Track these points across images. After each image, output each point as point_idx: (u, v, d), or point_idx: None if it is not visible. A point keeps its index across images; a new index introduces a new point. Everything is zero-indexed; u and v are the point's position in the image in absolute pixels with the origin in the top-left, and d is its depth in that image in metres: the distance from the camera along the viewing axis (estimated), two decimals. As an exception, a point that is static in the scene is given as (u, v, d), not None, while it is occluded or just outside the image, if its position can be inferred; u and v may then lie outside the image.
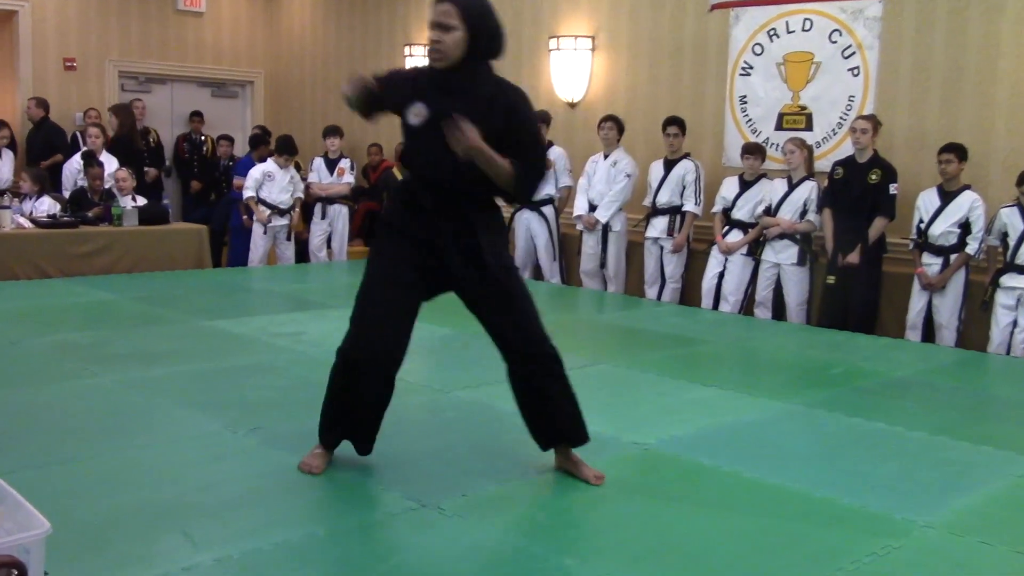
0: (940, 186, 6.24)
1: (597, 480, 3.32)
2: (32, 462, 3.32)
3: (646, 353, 5.51)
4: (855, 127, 6.48)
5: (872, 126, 6.43)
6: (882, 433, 4.05)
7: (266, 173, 8.86)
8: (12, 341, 5.20)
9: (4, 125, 8.86)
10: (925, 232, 6.24)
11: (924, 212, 6.28)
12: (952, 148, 6.14)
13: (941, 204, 6.20)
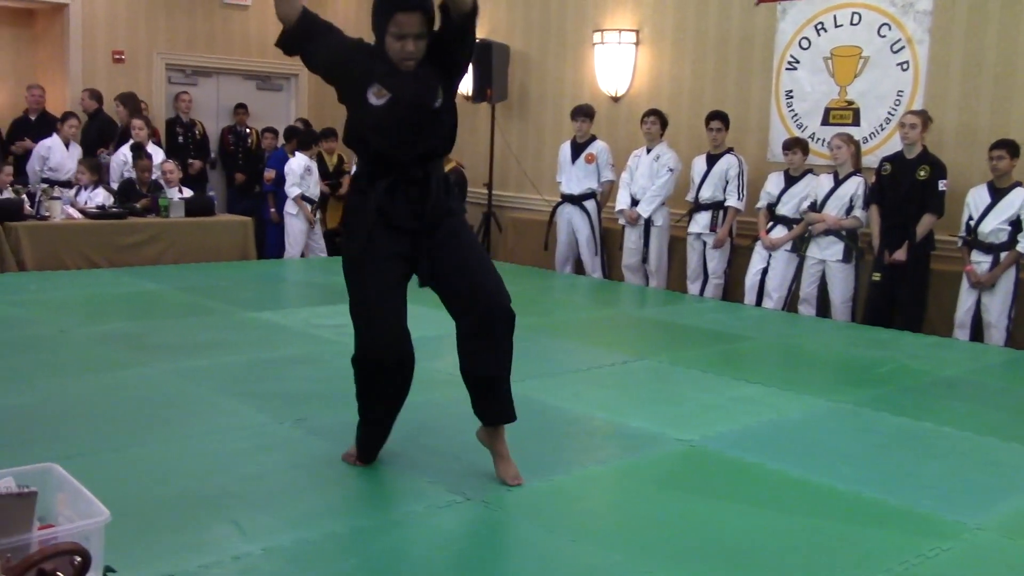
0: (991, 183, 6.14)
1: (515, 481, 3.20)
2: (84, 450, 3.38)
3: (688, 349, 5.48)
4: (904, 122, 6.40)
5: (922, 122, 6.34)
6: (930, 433, 4.00)
7: (306, 168, 8.93)
8: (62, 330, 5.30)
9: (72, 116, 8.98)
10: (975, 229, 6.14)
11: (974, 209, 6.18)
12: (1004, 144, 6.04)
13: (991, 201, 6.10)
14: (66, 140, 8.67)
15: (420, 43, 3.07)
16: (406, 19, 3.03)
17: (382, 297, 3.15)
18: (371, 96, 3.13)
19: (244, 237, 8.46)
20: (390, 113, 3.12)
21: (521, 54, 9.48)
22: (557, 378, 4.63)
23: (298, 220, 8.90)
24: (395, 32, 3.05)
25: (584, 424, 4.02)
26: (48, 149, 8.62)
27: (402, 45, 3.05)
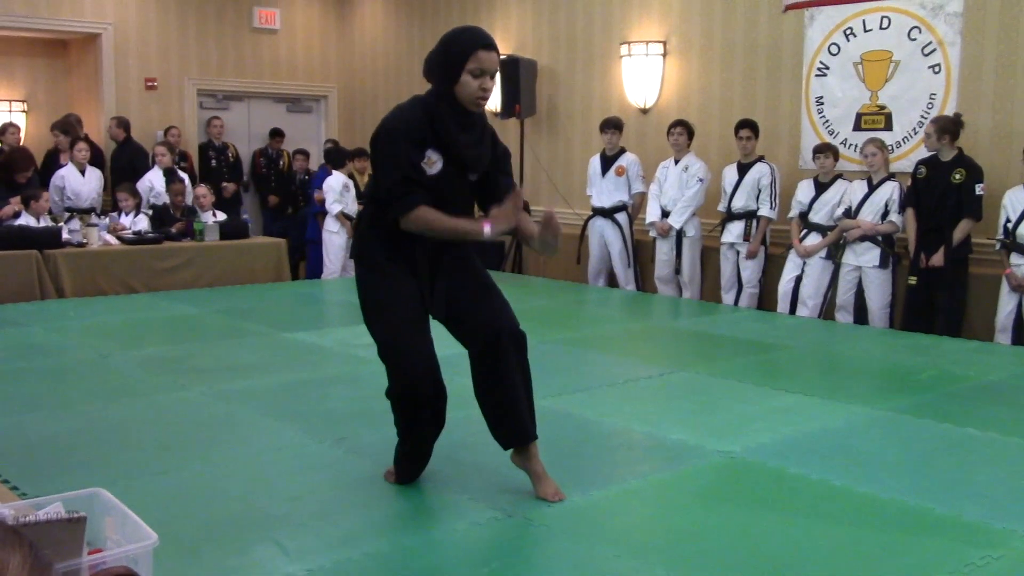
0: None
1: (556, 497, 3.19)
2: (128, 474, 3.41)
3: (725, 360, 5.45)
4: (927, 131, 6.38)
5: (936, 130, 6.27)
6: (975, 440, 3.94)
7: (344, 184, 9.01)
8: (103, 355, 5.36)
9: (84, 140, 9.06)
10: (1014, 232, 6.06)
11: (1011, 211, 6.10)
12: None
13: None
14: (79, 166, 8.72)
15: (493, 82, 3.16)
16: (487, 56, 3.12)
17: (411, 332, 3.17)
18: (426, 167, 3.15)
19: (278, 259, 8.54)
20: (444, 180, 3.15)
21: (549, 69, 9.50)
22: (594, 392, 4.62)
23: (339, 237, 8.99)
24: (474, 69, 3.10)
25: (623, 438, 4.00)
26: (63, 178, 8.66)
27: (480, 83, 3.11)
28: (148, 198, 8.90)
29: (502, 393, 3.22)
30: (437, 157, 3.15)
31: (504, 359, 3.19)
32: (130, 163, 9.16)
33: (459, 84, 3.11)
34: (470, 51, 3.10)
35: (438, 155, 3.14)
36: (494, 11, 10.11)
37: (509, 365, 3.20)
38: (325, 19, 11.93)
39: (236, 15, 11.21)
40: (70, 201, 8.62)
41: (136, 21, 10.56)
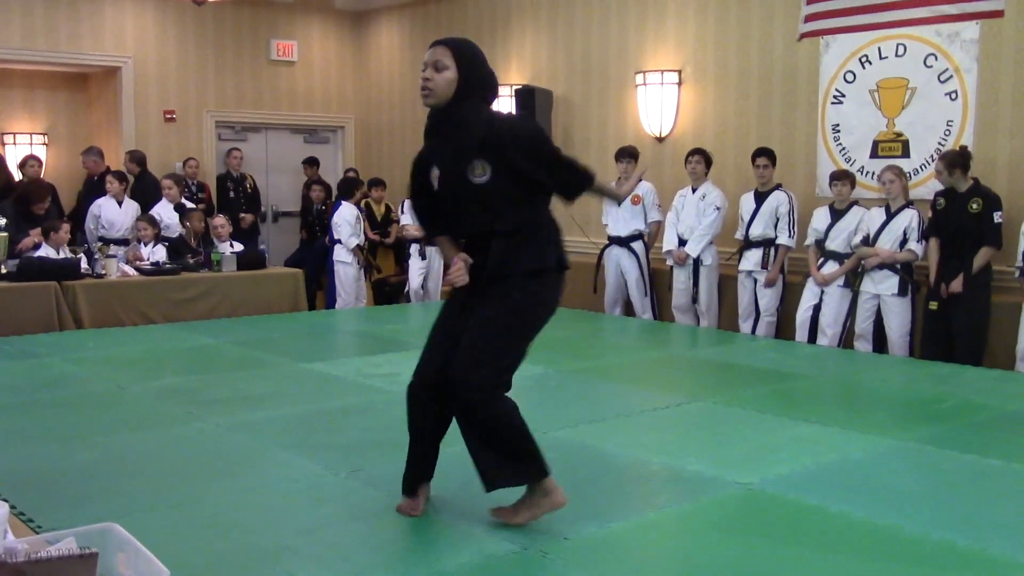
0: (1047, 211, 6.03)
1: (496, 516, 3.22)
2: (142, 506, 3.40)
3: (743, 389, 5.40)
4: (936, 168, 6.38)
5: (946, 165, 6.26)
6: (999, 471, 3.88)
7: (356, 216, 9.07)
8: (120, 386, 5.37)
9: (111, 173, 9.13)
10: (1033, 260, 6.02)
11: (1031, 238, 6.06)
12: None
13: (1049, 230, 5.98)
14: (115, 197, 8.81)
15: (438, 75, 3.11)
16: (430, 51, 3.16)
17: (432, 336, 3.36)
18: (434, 183, 3.25)
19: (295, 289, 8.56)
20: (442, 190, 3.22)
21: (564, 98, 9.53)
22: (610, 422, 4.59)
23: (352, 268, 9.03)
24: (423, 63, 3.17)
25: (640, 469, 3.97)
26: (100, 207, 8.79)
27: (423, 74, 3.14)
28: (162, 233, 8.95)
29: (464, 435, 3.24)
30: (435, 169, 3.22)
31: (452, 405, 3.20)
32: (143, 197, 9.21)
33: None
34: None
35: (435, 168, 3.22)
36: (510, 41, 10.17)
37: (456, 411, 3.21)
38: (342, 51, 12.03)
39: (254, 47, 11.33)
40: (103, 231, 8.71)
41: (155, 54, 10.68)
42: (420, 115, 11.53)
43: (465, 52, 3.15)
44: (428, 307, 9.10)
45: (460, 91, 3.13)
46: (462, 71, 3.12)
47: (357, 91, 12.18)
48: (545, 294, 3.24)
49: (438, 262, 9.45)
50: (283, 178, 11.76)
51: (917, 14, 6.94)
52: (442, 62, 3.11)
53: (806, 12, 7.57)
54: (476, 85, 3.16)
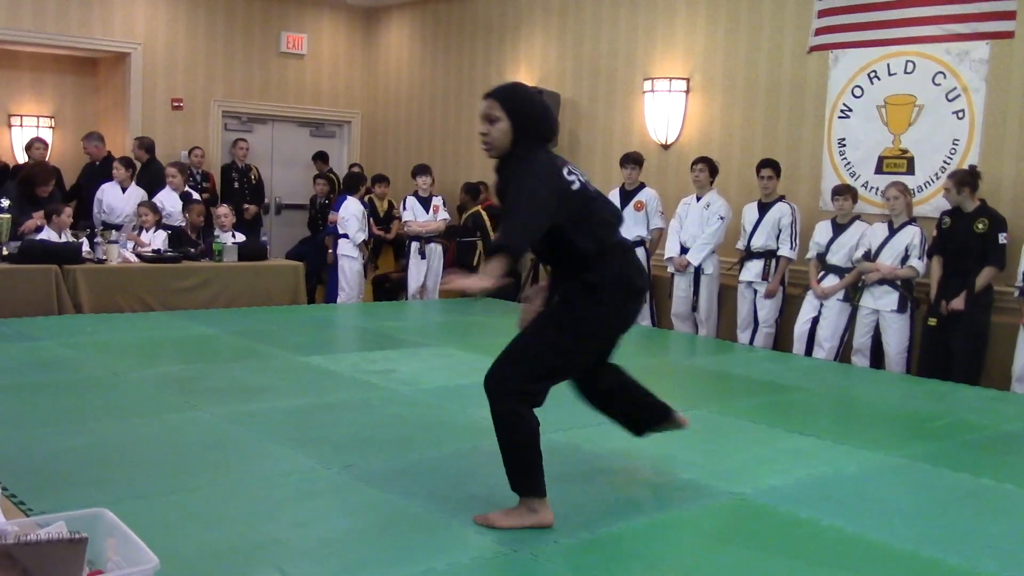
0: (1047, 231, 6.05)
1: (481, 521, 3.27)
2: (134, 494, 3.40)
3: (739, 399, 5.41)
4: (945, 186, 6.37)
5: (955, 184, 6.27)
6: (991, 490, 3.89)
7: (363, 212, 9.10)
8: (116, 373, 5.37)
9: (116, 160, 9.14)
10: (1033, 281, 6.02)
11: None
12: None
13: (1049, 251, 5.98)
14: (121, 183, 8.82)
15: (493, 128, 3.27)
16: (481, 104, 3.33)
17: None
18: None
19: (295, 282, 8.56)
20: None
21: (571, 102, 9.53)
22: (605, 427, 4.56)
23: (356, 262, 9.08)
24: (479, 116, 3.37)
25: (632, 475, 3.97)
26: (103, 192, 8.80)
27: (479, 130, 3.35)
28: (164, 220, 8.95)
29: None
30: None
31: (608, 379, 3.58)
32: (149, 184, 9.21)
33: None
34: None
35: None
36: (518, 43, 10.17)
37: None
38: (351, 45, 12.04)
39: (264, 39, 11.33)
40: (104, 215, 8.72)
41: (165, 41, 10.69)
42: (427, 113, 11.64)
43: (514, 100, 3.29)
44: (427, 305, 9.11)
45: (516, 137, 3.27)
46: (513, 119, 3.25)
47: (365, 87, 12.19)
48: (593, 311, 3.30)
49: (437, 261, 9.46)
50: (288, 171, 11.77)
51: (927, 32, 6.95)
52: (493, 114, 3.26)
53: (816, 25, 7.58)
54: (530, 128, 3.28)
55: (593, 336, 3.37)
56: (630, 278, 3.35)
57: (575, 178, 3.28)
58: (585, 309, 3.30)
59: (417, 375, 5.58)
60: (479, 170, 10.61)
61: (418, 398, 5.06)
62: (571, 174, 3.28)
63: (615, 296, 3.31)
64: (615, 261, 3.32)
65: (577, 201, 3.24)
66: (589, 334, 3.34)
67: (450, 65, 11.05)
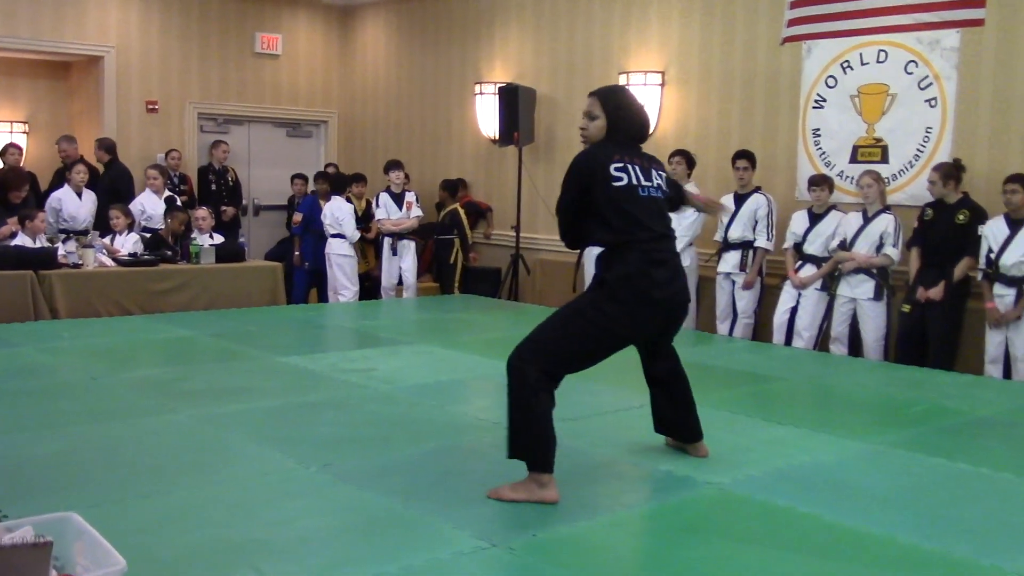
0: (1007, 215, 6.09)
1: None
2: (110, 497, 3.39)
3: (719, 390, 5.42)
4: (931, 179, 6.41)
5: (940, 176, 6.32)
6: (967, 475, 3.91)
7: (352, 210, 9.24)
8: (93, 377, 5.34)
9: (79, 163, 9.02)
10: (996, 262, 6.07)
11: (993, 241, 6.11)
12: (1018, 178, 6.01)
13: (1010, 233, 6.04)
14: (76, 189, 8.69)
15: (591, 123, 3.68)
16: (587, 100, 3.74)
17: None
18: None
19: (274, 282, 8.53)
20: None
21: (547, 98, 9.54)
22: (584, 421, 4.59)
23: (354, 260, 9.24)
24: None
25: (612, 468, 3.98)
26: (59, 200, 8.63)
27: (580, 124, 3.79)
28: (140, 220, 8.89)
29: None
30: None
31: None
32: (112, 185, 9.12)
33: None
34: None
35: None
36: (493, 39, 10.16)
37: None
38: (327, 45, 12.00)
39: (238, 40, 11.28)
40: (65, 223, 8.60)
41: (138, 44, 10.63)
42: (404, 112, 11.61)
43: (611, 101, 3.68)
44: (405, 302, 9.10)
45: (609, 134, 3.64)
46: (610, 118, 3.64)
47: (341, 86, 12.16)
48: (612, 308, 3.52)
49: (411, 258, 9.42)
50: (265, 171, 11.72)
51: (898, 21, 6.99)
52: (593, 112, 3.67)
53: (789, 16, 7.61)
54: (623, 128, 3.65)
55: (608, 332, 3.56)
56: (647, 287, 3.53)
57: (625, 175, 3.54)
58: (603, 303, 3.54)
59: (396, 373, 5.57)
60: (456, 167, 10.61)
61: (397, 396, 5.05)
62: (624, 170, 3.54)
63: (627, 295, 3.51)
64: (632, 261, 3.52)
65: (605, 195, 3.52)
66: (604, 329, 3.54)
67: (427, 63, 11.03)
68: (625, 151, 3.60)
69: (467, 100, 10.37)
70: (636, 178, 3.56)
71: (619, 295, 3.51)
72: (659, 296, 3.56)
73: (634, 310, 3.53)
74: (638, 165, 3.59)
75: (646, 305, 3.55)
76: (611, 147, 3.61)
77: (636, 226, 3.54)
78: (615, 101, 3.69)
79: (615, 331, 3.57)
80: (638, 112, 3.73)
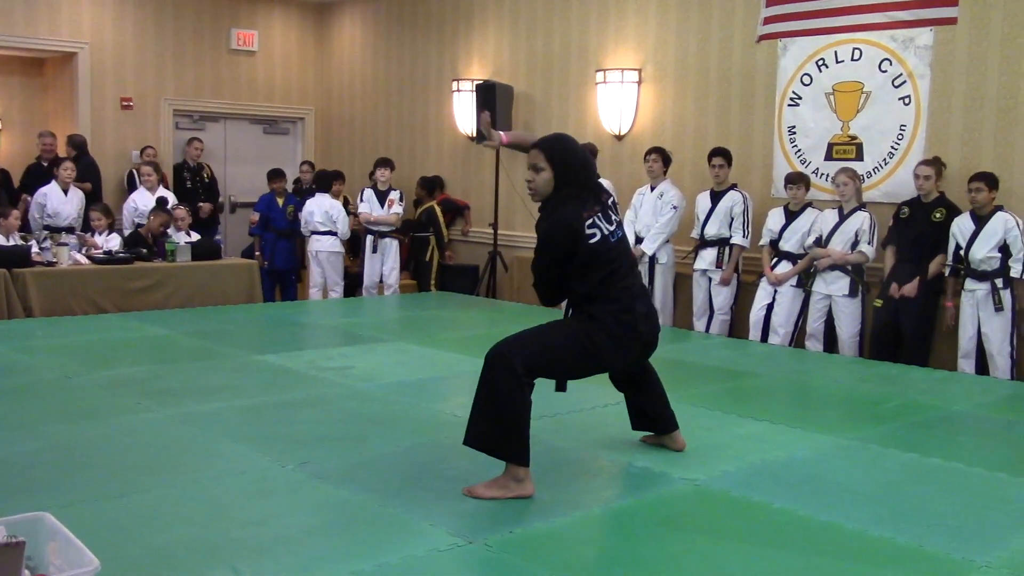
0: (972, 211, 6.17)
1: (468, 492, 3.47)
2: (86, 496, 3.37)
3: (695, 386, 5.45)
4: (918, 173, 6.47)
5: (935, 171, 6.40)
6: (939, 469, 3.96)
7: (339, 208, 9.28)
8: (68, 376, 5.30)
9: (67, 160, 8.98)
10: (965, 256, 6.14)
11: (960, 237, 6.19)
12: (982, 176, 6.10)
13: (976, 228, 6.11)
14: (64, 186, 8.66)
15: (537, 176, 3.59)
16: (528, 154, 3.66)
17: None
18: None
19: (250, 280, 8.50)
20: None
21: (525, 95, 9.54)
22: (561, 418, 4.61)
23: (342, 258, 9.29)
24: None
25: (588, 464, 3.99)
26: (45, 196, 8.62)
27: (526, 177, 3.68)
28: (132, 219, 8.84)
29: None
30: None
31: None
32: (80, 181, 9.05)
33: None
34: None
35: None
36: (471, 36, 10.16)
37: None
38: (303, 42, 11.95)
39: (214, 36, 11.22)
40: (49, 219, 8.55)
41: (113, 40, 10.55)
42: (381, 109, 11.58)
43: (556, 151, 3.60)
44: (384, 300, 9.08)
45: (558, 185, 3.57)
46: (556, 169, 3.56)
47: (318, 83, 12.12)
48: (604, 339, 3.57)
49: (393, 254, 9.41)
50: (241, 168, 11.67)
51: (873, 19, 7.04)
52: (538, 164, 3.59)
53: (765, 15, 7.65)
54: (571, 177, 3.58)
55: (591, 357, 3.62)
56: (633, 322, 3.62)
57: (596, 230, 3.53)
58: (596, 334, 3.58)
59: (374, 371, 5.56)
60: (434, 164, 10.60)
61: (374, 394, 5.05)
62: (594, 226, 3.53)
63: (618, 330, 3.59)
64: (617, 299, 3.60)
65: (586, 254, 3.53)
66: (588, 354, 3.60)
67: (403, 59, 11.01)
68: (584, 204, 3.55)
69: (444, 97, 10.36)
70: (604, 228, 3.57)
71: (611, 330, 3.57)
72: (643, 329, 3.66)
73: (623, 343, 3.63)
74: (599, 212, 3.57)
75: (634, 339, 3.65)
76: (574, 205, 3.54)
77: (614, 274, 3.60)
78: (560, 150, 3.62)
79: (601, 359, 3.65)
80: (584, 157, 3.69)
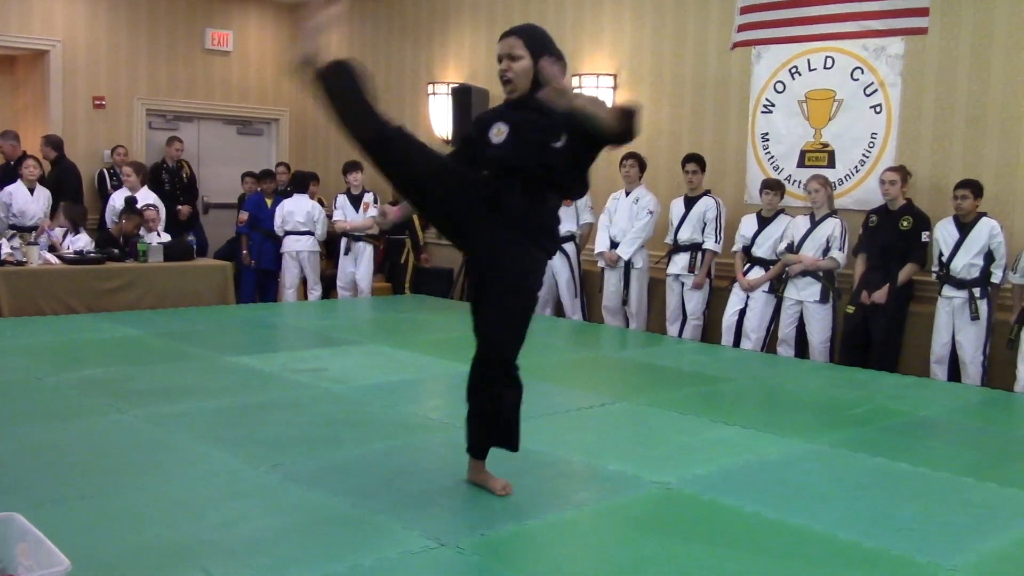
0: (955, 217, 6.24)
1: (504, 491, 3.47)
2: (54, 498, 3.34)
3: (667, 391, 5.49)
4: (883, 179, 6.53)
5: (900, 177, 6.47)
6: (906, 474, 4.00)
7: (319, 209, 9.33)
8: (37, 377, 5.26)
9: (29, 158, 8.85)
10: (947, 264, 6.21)
11: (943, 244, 6.26)
12: (967, 184, 6.16)
13: (960, 236, 6.18)
14: (29, 184, 8.55)
15: (515, 64, 3.33)
16: (501, 43, 3.38)
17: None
18: (492, 136, 3.41)
19: (223, 281, 8.45)
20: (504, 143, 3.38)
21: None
22: (534, 421, 4.61)
23: (319, 258, 9.40)
24: (497, 56, 3.40)
25: (561, 467, 4.01)
26: (10, 195, 8.50)
27: (499, 68, 3.38)
28: (112, 218, 8.76)
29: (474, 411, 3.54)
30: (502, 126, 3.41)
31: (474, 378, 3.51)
32: (57, 183, 8.97)
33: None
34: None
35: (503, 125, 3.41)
36: (447, 40, 10.16)
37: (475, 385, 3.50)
38: (278, 42, 11.90)
39: (188, 36, 11.15)
40: (15, 219, 8.45)
41: (85, 39, 10.46)
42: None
43: (535, 38, 3.35)
44: (358, 303, 9.06)
45: (536, 76, 3.28)
46: (535, 56, 3.28)
47: (293, 84, 12.05)
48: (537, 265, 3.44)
49: (367, 258, 9.38)
50: (215, 169, 11.60)
51: (845, 28, 7.12)
52: (515, 52, 3.32)
53: (739, 22, 7.71)
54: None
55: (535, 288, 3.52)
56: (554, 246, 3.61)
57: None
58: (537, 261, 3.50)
59: (347, 373, 5.55)
60: (410, 167, 10.56)
61: (348, 396, 5.04)
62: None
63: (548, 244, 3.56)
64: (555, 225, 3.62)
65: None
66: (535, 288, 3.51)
67: (379, 61, 10.99)
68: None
69: (420, 100, 10.36)
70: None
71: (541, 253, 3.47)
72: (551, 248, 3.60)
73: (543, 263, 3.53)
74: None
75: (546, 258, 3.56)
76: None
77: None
78: (539, 37, 3.39)
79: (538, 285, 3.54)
80: (559, 50, 3.44)
